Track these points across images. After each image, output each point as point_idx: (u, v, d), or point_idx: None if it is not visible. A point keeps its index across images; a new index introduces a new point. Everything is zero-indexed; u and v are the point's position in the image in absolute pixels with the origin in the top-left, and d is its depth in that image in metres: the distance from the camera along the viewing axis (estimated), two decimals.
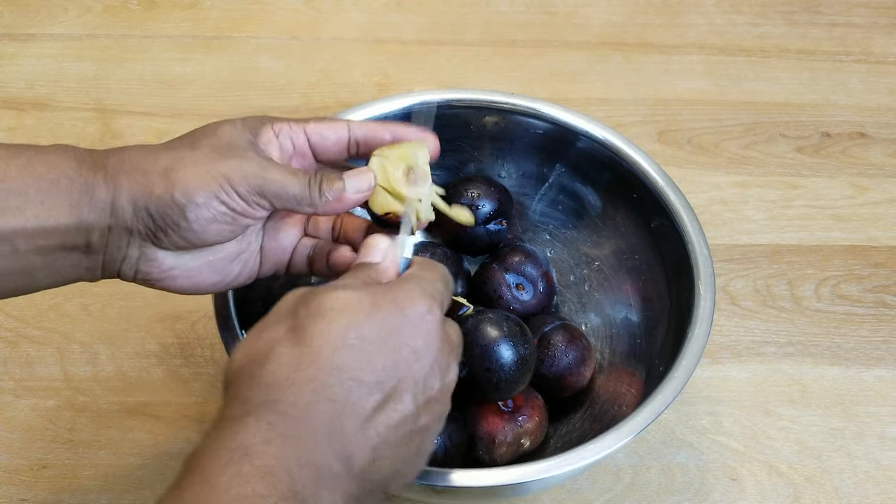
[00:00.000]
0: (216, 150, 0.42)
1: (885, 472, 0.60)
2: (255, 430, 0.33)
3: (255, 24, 0.90)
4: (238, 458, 0.32)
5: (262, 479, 0.31)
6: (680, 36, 0.91)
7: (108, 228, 0.41)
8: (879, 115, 0.84)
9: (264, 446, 0.32)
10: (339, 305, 0.36)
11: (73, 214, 0.40)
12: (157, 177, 0.40)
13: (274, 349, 0.36)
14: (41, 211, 0.39)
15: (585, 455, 0.45)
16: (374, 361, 0.36)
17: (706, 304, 0.51)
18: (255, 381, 0.35)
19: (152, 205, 0.40)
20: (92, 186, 0.40)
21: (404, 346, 0.37)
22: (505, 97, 0.61)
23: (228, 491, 0.31)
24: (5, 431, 0.60)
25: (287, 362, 0.35)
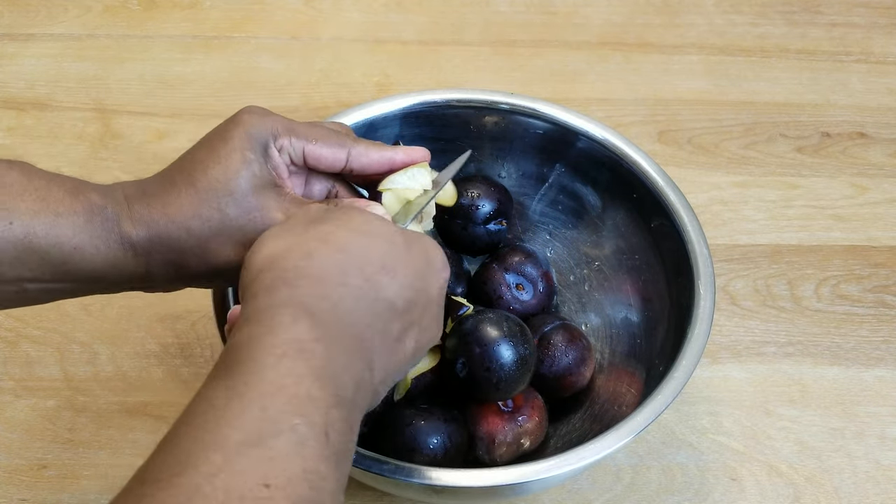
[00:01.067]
0: (247, 217, 0.42)
1: (885, 472, 0.60)
2: (308, 326, 0.32)
3: (255, 24, 0.90)
4: (293, 354, 0.31)
5: (316, 381, 0.31)
6: (680, 36, 0.91)
7: (130, 286, 0.43)
8: (879, 115, 0.84)
9: (316, 344, 0.32)
10: (380, 230, 0.38)
11: (95, 274, 0.40)
12: (192, 257, 0.41)
13: (318, 248, 0.36)
14: (60, 271, 0.40)
15: (585, 455, 0.45)
16: (405, 292, 0.37)
17: (706, 304, 0.51)
18: (301, 273, 0.35)
19: (188, 277, 0.42)
20: (119, 259, 0.41)
21: (425, 290, 0.39)
22: (505, 97, 0.61)
23: (283, 390, 0.30)
24: (5, 431, 0.60)
25: (334, 264, 0.35)
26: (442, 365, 0.53)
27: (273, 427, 0.29)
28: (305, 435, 0.29)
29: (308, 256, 0.35)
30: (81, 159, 0.77)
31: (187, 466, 0.27)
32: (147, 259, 0.41)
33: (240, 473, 0.27)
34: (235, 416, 0.29)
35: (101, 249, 0.40)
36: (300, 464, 0.28)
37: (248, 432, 0.28)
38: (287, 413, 0.29)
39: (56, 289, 0.41)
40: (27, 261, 0.38)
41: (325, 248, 0.36)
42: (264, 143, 0.44)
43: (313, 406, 0.30)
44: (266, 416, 0.29)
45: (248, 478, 0.27)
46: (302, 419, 0.29)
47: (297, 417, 0.29)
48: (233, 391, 0.30)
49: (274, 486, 0.27)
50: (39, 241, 0.38)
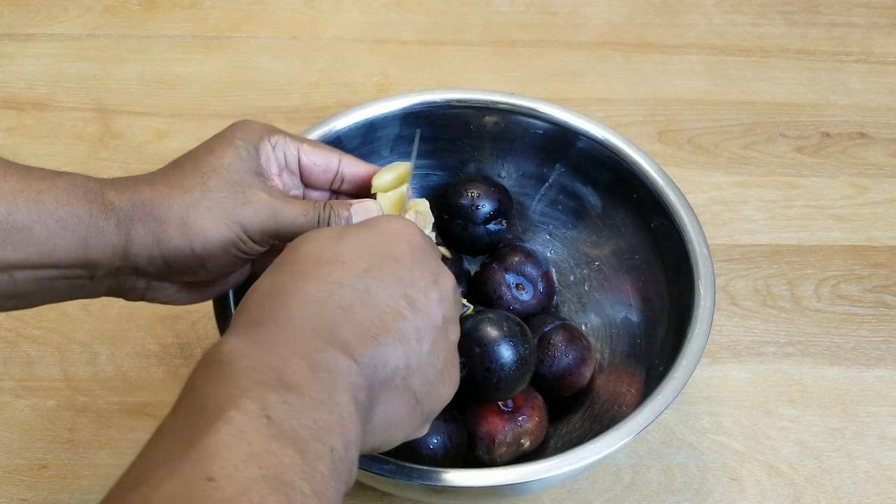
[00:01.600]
0: (229, 190, 0.43)
1: (885, 472, 0.60)
2: (234, 341, 0.33)
3: (255, 24, 0.90)
4: (220, 367, 0.32)
5: (247, 376, 0.31)
6: (680, 36, 0.91)
7: (116, 268, 0.42)
8: (879, 115, 0.84)
9: (245, 350, 0.33)
10: (310, 236, 0.38)
11: (79, 253, 0.40)
12: (172, 227, 0.41)
13: (257, 283, 0.37)
14: (45, 249, 0.39)
15: (585, 455, 0.45)
16: (353, 268, 0.36)
17: (706, 304, 0.51)
18: (241, 310, 0.36)
19: (170, 255, 0.42)
20: (102, 229, 0.40)
21: (382, 253, 0.38)
22: (505, 97, 0.61)
23: (215, 395, 0.31)
24: (5, 431, 0.60)
25: (265, 285, 0.36)
26: None
27: (208, 427, 0.29)
28: (241, 422, 0.29)
29: (247, 295, 0.37)
30: (81, 159, 0.77)
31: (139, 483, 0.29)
32: (128, 229, 0.41)
33: (182, 476, 0.28)
34: (177, 432, 0.30)
35: (83, 220, 0.40)
36: (245, 449, 0.29)
37: (187, 439, 0.29)
38: (219, 411, 0.30)
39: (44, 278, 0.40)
40: (11, 240, 0.38)
41: (261, 281, 0.37)
42: (257, 138, 0.45)
43: (244, 396, 0.30)
44: (201, 421, 0.30)
45: (192, 476, 0.28)
46: (235, 411, 0.30)
47: (230, 411, 0.30)
48: (174, 415, 0.31)
49: (219, 477, 0.28)
50: (22, 217, 0.38)
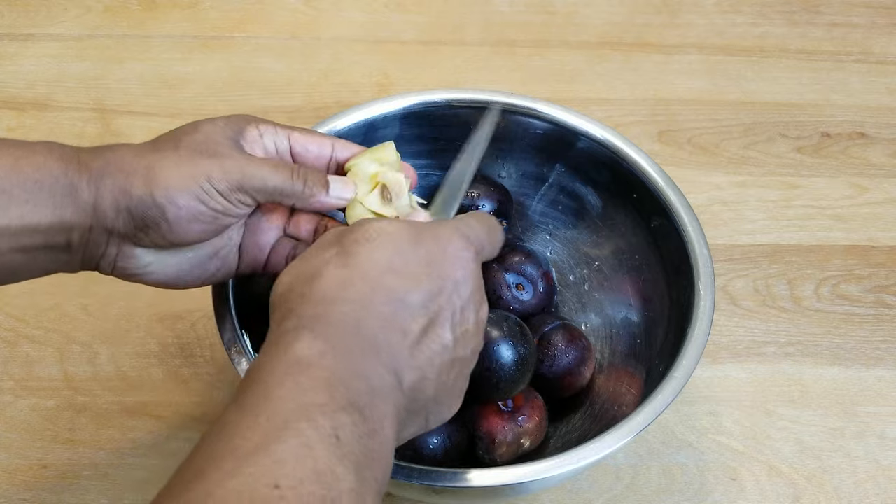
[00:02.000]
0: (197, 149, 0.42)
1: (885, 472, 0.60)
2: (310, 343, 0.33)
3: (255, 24, 0.90)
4: (296, 371, 0.32)
5: (321, 390, 0.32)
6: (680, 36, 0.91)
7: (88, 228, 0.41)
8: (879, 115, 0.84)
9: (320, 358, 0.33)
10: (385, 234, 0.38)
11: (56, 214, 0.40)
12: (137, 178, 0.41)
13: (323, 270, 0.37)
14: (25, 210, 0.39)
15: (585, 455, 0.45)
16: (420, 286, 0.37)
17: (706, 304, 0.51)
18: (305, 298, 0.36)
19: (133, 206, 0.41)
20: (76, 187, 0.40)
21: (446, 277, 0.38)
22: (505, 97, 0.61)
23: (289, 402, 0.31)
24: (5, 431, 0.60)
25: (337, 281, 0.36)
26: None
27: (279, 434, 0.30)
28: (312, 438, 0.30)
29: (310, 281, 0.36)
30: None
31: (200, 475, 0.29)
32: (98, 184, 0.41)
33: (249, 476, 0.29)
34: (245, 429, 0.30)
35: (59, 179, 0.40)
36: (311, 465, 0.29)
37: (257, 441, 0.30)
38: (292, 420, 0.30)
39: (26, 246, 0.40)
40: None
41: (327, 268, 0.37)
42: (242, 122, 0.45)
43: (318, 411, 0.31)
44: (272, 425, 0.30)
45: (258, 480, 0.28)
46: (307, 424, 0.30)
47: (302, 423, 0.30)
48: (243, 410, 0.32)
49: (284, 487, 0.28)
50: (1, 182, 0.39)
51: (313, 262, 0.38)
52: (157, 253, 0.44)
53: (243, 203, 0.43)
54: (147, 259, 0.44)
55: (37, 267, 0.42)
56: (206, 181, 0.41)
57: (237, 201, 0.42)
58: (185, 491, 0.29)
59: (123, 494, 0.57)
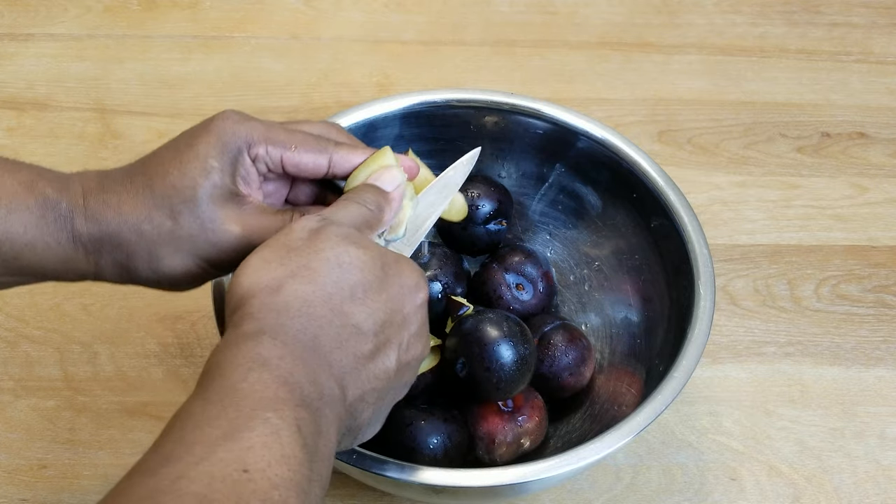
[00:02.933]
0: (198, 227, 0.42)
1: (885, 472, 0.60)
2: (270, 346, 0.35)
3: (255, 24, 0.90)
4: (258, 367, 0.34)
5: (282, 386, 0.34)
6: (680, 36, 0.91)
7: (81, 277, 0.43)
8: (879, 115, 0.84)
9: (279, 360, 0.35)
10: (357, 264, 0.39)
11: (48, 272, 0.42)
12: (140, 261, 0.42)
13: (287, 282, 0.38)
14: (13, 264, 0.41)
15: (585, 455, 0.45)
16: (375, 316, 0.39)
17: (706, 304, 0.51)
18: (267, 308, 0.37)
19: (139, 281, 0.43)
20: (71, 258, 0.42)
21: (399, 311, 0.40)
22: (505, 97, 0.61)
23: (253, 394, 0.33)
24: (5, 431, 0.60)
25: (300, 296, 0.37)
26: (442, 365, 0.53)
27: (247, 422, 0.32)
28: (278, 426, 0.32)
29: (275, 292, 0.37)
30: (81, 159, 0.77)
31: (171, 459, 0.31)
32: (97, 258, 0.42)
33: (220, 461, 0.30)
34: (213, 418, 0.32)
35: (52, 246, 0.41)
36: (278, 449, 0.31)
37: (225, 429, 0.31)
38: (258, 410, 0.32)
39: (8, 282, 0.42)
40: None
41: (293, 282, 0.37)
42: (235, 152, 0.43)
43: (282, 403, 0.33)
44: (240, 414, 0.32)
45: (229, 464, 0.30)
46: (273, 413, 0.32)
47: (268, 412, 0.32)
48: (207, 401, 0.33)
49: (253, 470, 0.30)
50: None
51: (276, 272, 0.38)
52: None
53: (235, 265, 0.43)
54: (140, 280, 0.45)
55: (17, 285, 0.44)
56: (209, 265, 0.43)
57: (230, 265, 0.43)
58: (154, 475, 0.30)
59: None
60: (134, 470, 0.31)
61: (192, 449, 0.31)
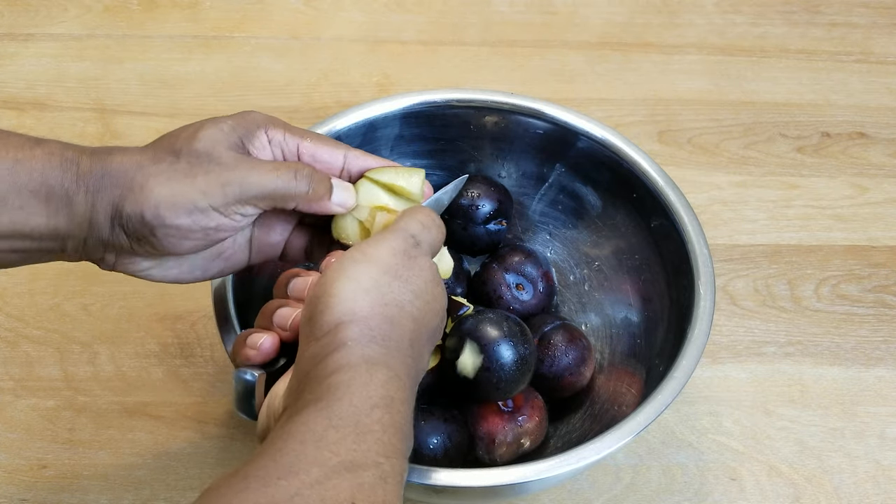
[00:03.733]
0: (196, 161, 0.41)
1: (885, 472, 0.60)
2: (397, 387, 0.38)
3: (255, 24, 0.90)
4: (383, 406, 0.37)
5: (397, 433, 0.36)
6: (680, 36, 0.91)
7: (83, 239, 0.41)
8: (879, 115, 0.84)
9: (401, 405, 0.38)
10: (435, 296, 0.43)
11: (50, 224, 0.40)
12: (131, 194, 0.40)
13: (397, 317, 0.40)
14: (17, 217, 0.39)
15: (585, 455, 0.45)
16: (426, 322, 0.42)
17: (706, 304, 0.51)
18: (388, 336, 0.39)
19: (124, 223, 0.41)
20: (72, 200, 0.40)
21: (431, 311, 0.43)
22: (505, 97, 0.61)
23: (373, 433, 0.35)
24: (5, 431, 0.60)
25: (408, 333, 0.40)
26: (442, 365, 0.53)
27: (364, 460, 0.34)
28: (387, 473, 0.35)
29: (390, 322, 0.39)
30: None
31: (289, 473, 0.33)
32: (94, 199, 0.40)
33: (334, 488, 0.32)
34: (333, 443, 0.34)
35: (56, 191, 0.40)
36: (381, 495, 0.34)
37: (344, 459, 0.34)
38: (375, 452, 0.35)
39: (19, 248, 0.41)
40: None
41: (401, 316, 0.40)
42: (252, 126, 0.44)
43: (394, 452, 0.36)
44: (359, 450, 0.34)
45: (341, 494, 0.32)
46: (386, 460, 0.35)
47: (382, 458, 0.35)
48: (331, 423, 0.35)
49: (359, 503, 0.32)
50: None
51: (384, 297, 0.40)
52: (156, 259, 0.44)
53: (243, 215, 0.42)
54: (146, 264, 0.44)
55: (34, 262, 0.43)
56: (202, 198, 0.41)
57: (235, 214, 0.42)
58: (274, 485, 0.32)
59: (123, 494, 0.57)
60: (250, 473, 0.33)
61: (310, 469, 0.33)
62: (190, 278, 0.46)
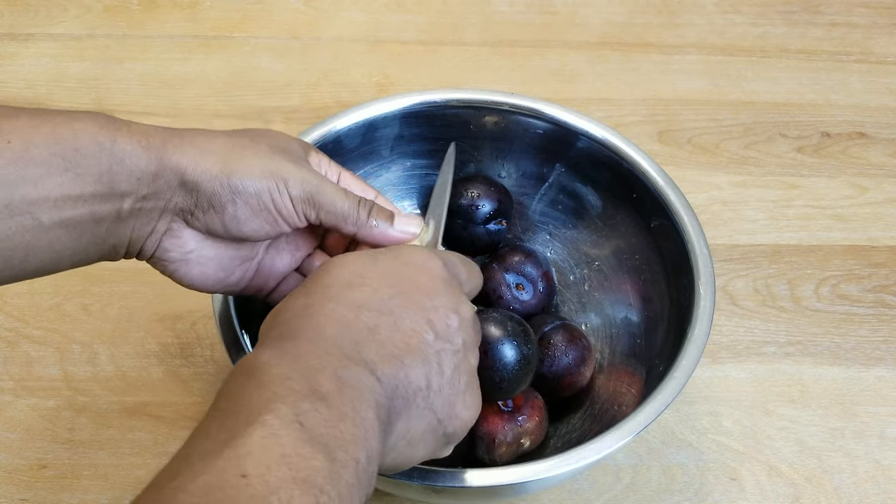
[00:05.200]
0: (276, 150, 0.42)
1: (885, 472, 0.60)
2: (269, 353, 0.35)
3: (255, 24, 0.90)
4: (257, 374, 0.34)
5: (280, 385, 0.33)
6: (680, 36, 0.91)
7: (143, 197, 0.40)
8: (879, 115, 0.84)
9: (279, 360, 0.34)
10: (346, 262, 0.40)
11: (102, 183, 0.39)
12: (215, 157, 0.40)
13: (287, 303, 0.38)
14: (65, 180, 0.38)
15: (585, 455, 0.45)
16: (379, 293, 0.38)
17: (706, 303, 0.51)
18: (270, 326, 0.38)
19: (205, 182, 0.40)
20: (127, 153, 0.39)
21: (406, 282, 0.39)
22: (505, 97, 0.61)
23: (250, 401, 0.32)
24: (5, 431, 0.60)
25: (299, 305, 0.38)
26: None
27: (245, 429, 0.31)
28: (275, 426, 0.31)
29: (276, 314, 0.38)
30: None
31: (172, 476, 0.30)
32: (161, 154, 0.40)
33: (218, 470, 0.30)
34: (213, 431, 0.32)
35: (105, 146, 0.39)
36: (277, 451, 0.30)
37: (223, 439, 0.31)
38: (254, 415, 0.31)
39: (69, 219, 0.39)
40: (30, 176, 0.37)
41: (291, 300, 0.38)
42: (307, 146, 0.46)
43: (279, 402, 0.32)
44: (237, 422, 0.31)
45: (227, 472, 0.30)
46: (271, 415, 0.31)
47: (266, 415, 0.31)
48: (210, 416, 0.33)
49: (252, 475, 0.29)
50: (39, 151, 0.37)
51: (282, 303, 0.39)
52: (203, 241, 0.43)
53: (305, 216, 0.43)
54: (191, 245, 0.43)
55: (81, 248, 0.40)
56: (283, 182, 0.42)
57: (301, 212, 0.43)
58: (158, 492, 0.30)
59: (123, 494, 0.57)
60: (146, 487, 0.31)
61: (192, 463, 0.30)
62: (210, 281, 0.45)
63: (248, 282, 0.47)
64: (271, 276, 0.48)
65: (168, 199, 0.41)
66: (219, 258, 0.45)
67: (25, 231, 0.38)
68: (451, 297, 0.40)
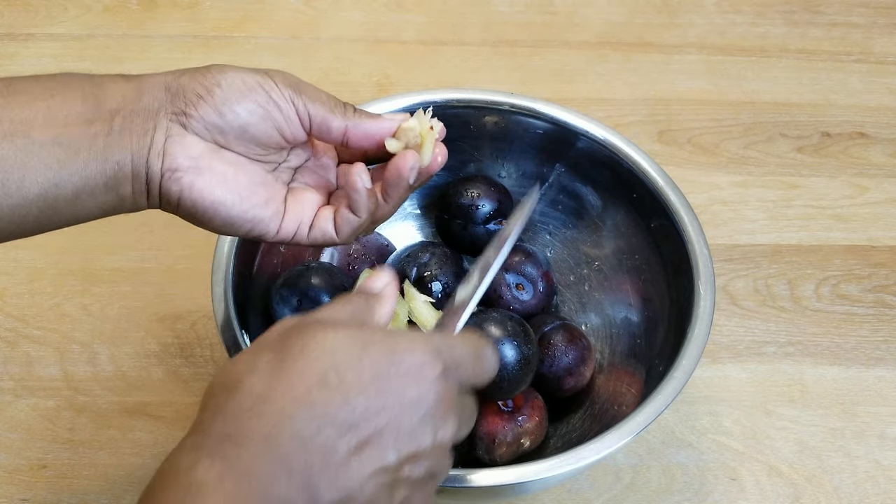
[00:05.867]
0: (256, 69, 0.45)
1: (885, 472, 0.60)
2: (209, 467, 0.31)
3: (255, 24, 0.90)
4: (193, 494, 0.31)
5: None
6: (680, 36, 0.91)
7: (131, 112, 0.41)
8: (879, 115, 0.84)
9: (219, 482, 0.31)
10: (328, 346, 0.35)
11: (89, 103, 0.40)
12: (191, 67, 0.44)
13: (245, 379, 0.34)
14: (52, 103, 0.39)
15: (585, 455, 0.45)
16: (352, 403, 0.33)
17: (706, 304, 0.51)
18: (219, 410, 0.34)
19: (187, 81, 0.43)
20: (104, 82, 0.41)
21: (390, 393, 0.34)
22: (505, 97, 0.61)
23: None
24: (5, 431, 0.60)
25: (256, 393, 0.33)
26: None
27: None
28: None
29: (230, 390, 0.34)
30: None
31: None
32: (139, 81, 0.42)
33: None
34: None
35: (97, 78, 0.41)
36: None
37: None
38: None
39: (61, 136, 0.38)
40: None
41: (251, 377, 0.34)
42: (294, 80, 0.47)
43: None
44: None
45: None
46: None
47: None
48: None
49: None
50: None
51: (244, 366, 0.35)
52: (211, 151, 0.42)
53: (293, 103, 0.43)
54: (197, 148, 0.42)
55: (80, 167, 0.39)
56: (265, 73, 0.44)
57: (289, 98, 0.43)
58: None
59: (123, 494, 0.57)
60: None
61: None
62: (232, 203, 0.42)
63: (280, 218, 0.44)
64: (301, 213, 0.45)
65: (157, 108, 0.41)
66: (235, 174, 0.42)
67: (18, 149, 0.38)
68: (434, 419, 0.35)
